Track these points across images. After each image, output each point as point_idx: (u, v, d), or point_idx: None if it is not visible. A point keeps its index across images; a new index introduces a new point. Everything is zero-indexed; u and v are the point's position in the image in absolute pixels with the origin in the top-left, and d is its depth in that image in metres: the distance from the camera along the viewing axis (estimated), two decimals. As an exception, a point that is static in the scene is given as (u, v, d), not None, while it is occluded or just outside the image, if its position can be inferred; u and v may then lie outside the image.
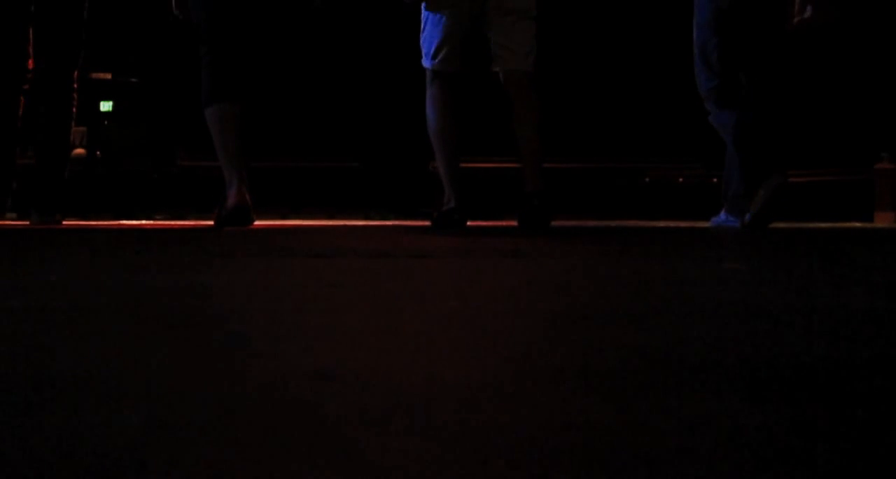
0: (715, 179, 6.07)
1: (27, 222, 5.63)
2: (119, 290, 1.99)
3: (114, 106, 9.20)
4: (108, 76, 9.18)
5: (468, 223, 5.45)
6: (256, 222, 5.62)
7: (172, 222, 5.61)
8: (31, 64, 5.61)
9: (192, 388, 0.95)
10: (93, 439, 0.74)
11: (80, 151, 8.64)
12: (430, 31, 5.11)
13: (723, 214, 5.70)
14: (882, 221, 7.61)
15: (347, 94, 8.82)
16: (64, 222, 5.71)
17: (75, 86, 5.68)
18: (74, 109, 5.72)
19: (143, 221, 5.76)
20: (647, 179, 7.15)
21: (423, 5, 5.09)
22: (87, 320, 1.51)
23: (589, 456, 0.71)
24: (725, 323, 1.48)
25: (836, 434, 0.77)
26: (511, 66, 5.01)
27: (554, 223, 5.41)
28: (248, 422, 0.80)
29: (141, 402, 0.88)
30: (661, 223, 5.68)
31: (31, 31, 5.60)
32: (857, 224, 7.12)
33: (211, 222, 5.43)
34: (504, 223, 6.41)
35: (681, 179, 7.16)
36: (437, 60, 5.08)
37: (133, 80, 9.34)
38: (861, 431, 0.79)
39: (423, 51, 5.17)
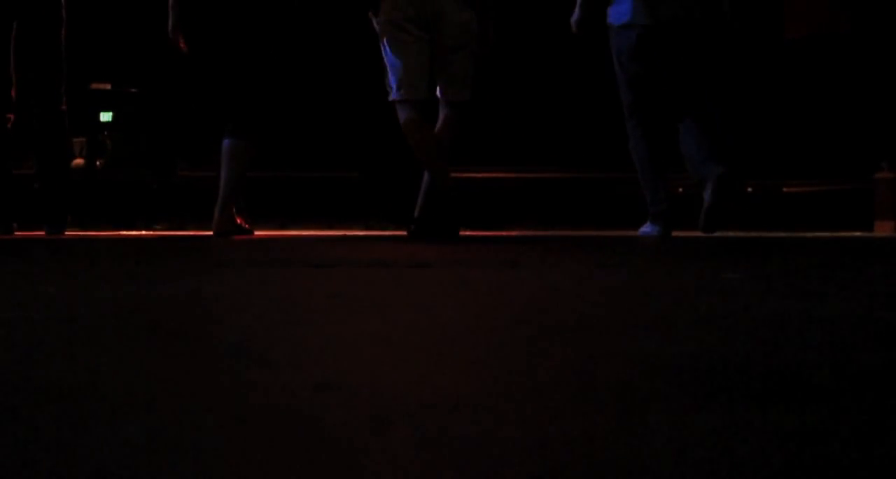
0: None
1: (28, 233, 5.64)
2: (119, 300, 1.99)
3: (114, 116, 9.19)
4: (108, 86, 9.18)
5: (465, 233, 5.45)
6: (256, 232, 5.63)
7: (172, 233, 5.62)
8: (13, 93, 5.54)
9: (193, 398, 0.95)
10: (93, 450, 0.74)
11: (79, 161, 8.64)
12: (392, 67, 5.19)
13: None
14: (882, 230, 7.61)
15: (347, 103, 8.82)
16: (65, 233, 5.71)
17: (64, 99, 5.67)
18: (67, 122, 5.71)
19: (144, 232, 5.76)
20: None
21: (382, 46, 5.20)
22: (87, 330, 1.51)
23: (589, 465, 0.71)
24: (725, 332, 1.48)
25: (836, 441, 0.77)
26: (453, 99, 5.26)
27: (554, 233, 5.41)
28: (250, 433, 0.80)
29: (142, 413, 0.88)
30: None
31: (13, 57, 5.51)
32: (857, 233, 7.12)
33: (210, 232, 5.44)
34: (503, 233, 6.41)
35: (680, 189, 7.17)
36: (402, 90, 5.15)
37: (133, 90, 9.34)
38: (861, 438, 0.79)
39: (390, 86, 5.22)
